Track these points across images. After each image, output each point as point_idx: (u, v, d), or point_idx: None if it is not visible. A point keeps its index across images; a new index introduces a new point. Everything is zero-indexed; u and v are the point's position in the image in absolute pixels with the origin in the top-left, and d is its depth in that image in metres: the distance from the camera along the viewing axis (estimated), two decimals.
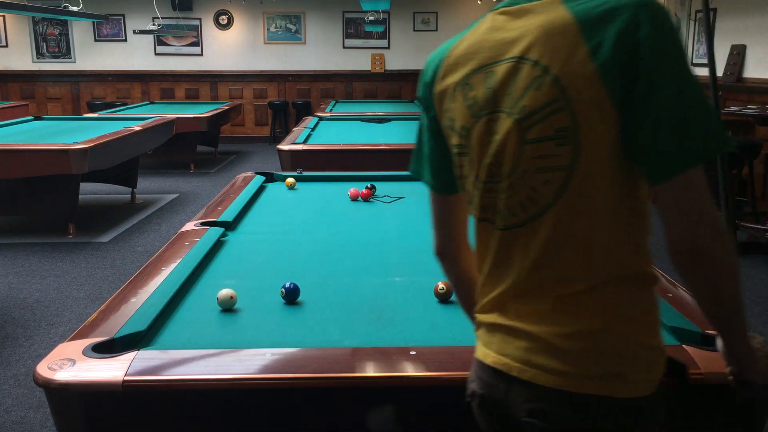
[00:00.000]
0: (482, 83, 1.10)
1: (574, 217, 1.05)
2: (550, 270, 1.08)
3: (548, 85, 1.02)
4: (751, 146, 5.29)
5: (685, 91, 1.00)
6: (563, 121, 1.02)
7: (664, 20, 1.01)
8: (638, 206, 1.09)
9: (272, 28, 11.36)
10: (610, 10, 1.01)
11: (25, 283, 4.46)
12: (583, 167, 1.02)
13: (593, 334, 1.06)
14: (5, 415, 2.85)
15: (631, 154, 1.02)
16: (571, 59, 1.01)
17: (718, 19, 6.50)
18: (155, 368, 1.43)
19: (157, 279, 1.94)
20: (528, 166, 1.05)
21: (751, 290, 4.33)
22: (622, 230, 1.07)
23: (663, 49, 0.99)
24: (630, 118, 1.00)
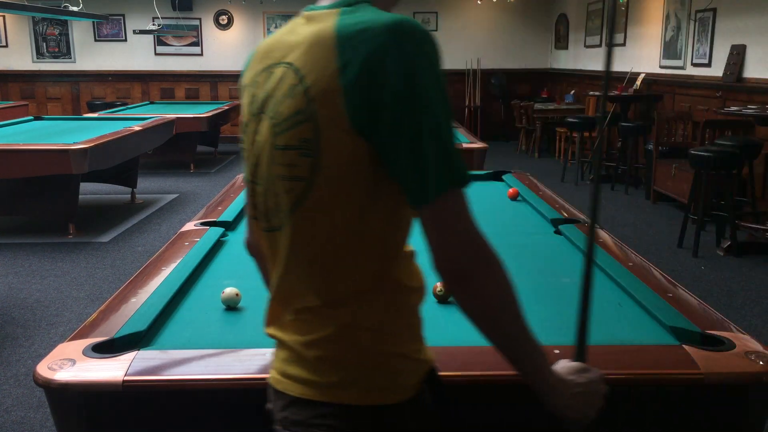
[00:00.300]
0: (263, 83, 1.10)
1: (312, 229, 1.04)
2: (293, 278, 1.08)
3: (299, 95, 1.01)
4: (751, 146, 5.30)
5: (429, 123, 0.97)
6: (307, 132, 1.00)
7: (416, 48, 0.96)
8: (396, 221, 1.08)
9: (272, 28, 11.36)
10: (364, 30, 0.98)
11: (25, 283, 4.46)
12: (322, 181, 1.01)
13: (328, 343, 1.06)
14: (5, 415, 2.85)
15: (392, 177, 1.01)
16: (323, 72, 0.99)
17: (718, 19, 6.50)
18: (155, 368, 1.43)
19: (157, 279, 1.94)
20: (276, 172, 1.05)
21: (751, 290, 4.32)
22: (369, 245, 1.05)
23: (411, 80, 0.95)
24: (379, 144, 0.99)
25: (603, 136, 6.08)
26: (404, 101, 0.96)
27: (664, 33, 7.61)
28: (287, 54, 1.07)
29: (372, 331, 1.06)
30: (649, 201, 6.86)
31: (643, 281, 1.88)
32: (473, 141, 4.80)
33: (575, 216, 2.67)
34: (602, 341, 1.56)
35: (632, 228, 5.88)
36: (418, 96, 0.96)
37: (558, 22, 11.30)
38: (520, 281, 2.00)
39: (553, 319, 1.71)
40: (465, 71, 11.54)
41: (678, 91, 7.20)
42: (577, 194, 7.24)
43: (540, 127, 9.83)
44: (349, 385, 1.05)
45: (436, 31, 11.47)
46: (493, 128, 11.54)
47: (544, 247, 2.37)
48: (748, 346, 1.48)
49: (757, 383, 1.38)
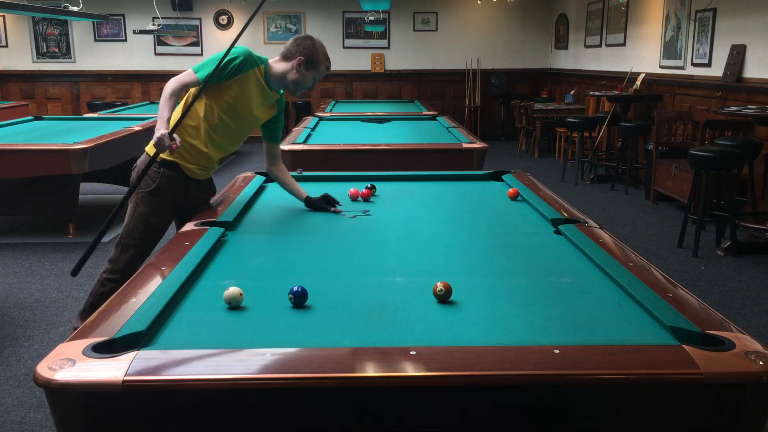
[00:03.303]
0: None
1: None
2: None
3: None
4: (751, 146, 5.30)
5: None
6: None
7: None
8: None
9: (272, 28, 11.36)
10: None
11: (25, 283, 4.46)
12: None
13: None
14: (5, 415, 2.85)
15: None
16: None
17: (718, 19, 6.50)
18: (155, 368, 1.43)
19: (157, 279, 1.94)
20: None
21: (751, 290, 4.32)
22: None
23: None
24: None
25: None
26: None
27: (664, 33, 7.61)
28: None
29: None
30: (649, 201, 6.86)
31: (643, 281, 1.88)
32: (473, 141, 4.79)
33: (575, 216, 2.67)
34: (602, 341, 1.56)
35: (632, 228, 5.88)
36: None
37: (558, 22, 11.30)
38: (520, 281, 2.02)
39: (553, 319, 1.71)
40: (465, 71, 11.54)
41: (678, 91, 7.20)
42: (577, 194, 7.25)
43: (540, 127, 9.83)
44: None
45: (436, 31, 11.47)
46: (493, 128, 11.54)
47: (544, 247, 2.37)
48: (748, 346, 1.48)
49: (757, 383, 1.38)
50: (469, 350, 1.49)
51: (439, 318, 1.73)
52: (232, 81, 2.80)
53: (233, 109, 2.85)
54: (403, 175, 3.63)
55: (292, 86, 2.93)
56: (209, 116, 2.84)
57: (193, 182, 2.96)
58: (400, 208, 3.00)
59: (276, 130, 3.11)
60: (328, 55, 2.95)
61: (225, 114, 2.85)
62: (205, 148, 2.89)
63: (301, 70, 2.88)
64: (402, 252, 2.32)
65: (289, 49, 2.91)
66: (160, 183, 2.90)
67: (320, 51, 2.91)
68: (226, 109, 2.84)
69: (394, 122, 6.49)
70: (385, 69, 11.54)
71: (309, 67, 2.89)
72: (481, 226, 2.72)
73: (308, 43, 2.90)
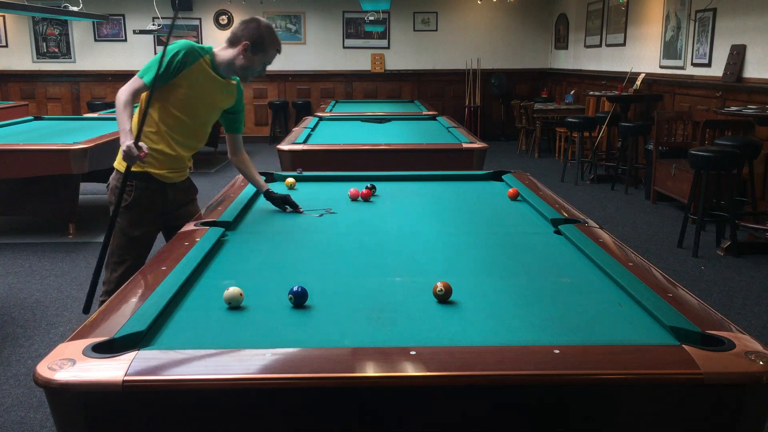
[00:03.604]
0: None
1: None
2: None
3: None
4: (751, 146, 5.30)
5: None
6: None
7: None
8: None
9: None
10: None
11: (25, 283, 4.46)
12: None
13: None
14: (5, 415, 2.85)
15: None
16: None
17: (718, 19, 6.50)
18: (155, 368, 1.43)
19: (157, 279, 1.94)
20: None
21: (751, 290, 4.32)
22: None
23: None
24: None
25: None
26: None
27: (664, 33, 7.61)
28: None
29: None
30: (649, 201, 6.86)
31: (643, 281, 1.88)
32: (473, 141, 4.79)
33: (575, 216, 2.67)
34: (602, 341, 1.56)
35: (632, 228, 5.89)
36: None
37: (558, 22, 11.30)
38: (520, 281, 2.02)
39: (552, 319, 1.71)
40: (465, 71, 11.54)
41: (678, 91, 7.20)
42: (577, 194, 7.25)
43: (540, 127, 9.83)
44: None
45: (436, 31, 11.48)
46: (493, 128, 11.54)
47: (544, 247, 2.37)
48: (748, 346, 1.48)
49: (757, 383, 1.38)
50: (469, 350, 1.49)
51: (439, 318, 1.73)
52: (179, 77, 2.73)
53: (186, 105, 2.79)
54: (403, 175, 3.63)
55: (241, 72, 2.83)
56: (165, 118, 2.78)
57: (170, 186, 2.91)
58: (400, 208, 3.00)
59: (237, 120, 3.05)
60: (276, 37, 2.83)
61: (180, 112, 2.78)
62: (172, 151, 2.83)
63: (247, 55, 2.78)
64: (402, 252, 2.32)
65: (235, 34, 2.81)
66: (135, 196, 2.82)
67: (266, 33, 2.79)
68: (180, 106, 2.78)
69: (394, 122, 6.49)
70: (385, 69, 11.54)
71: (256, 51, 2.78)
72: (481, 226, 2.72)
73: (254, 26, 2.79)
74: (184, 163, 2.95)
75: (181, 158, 2.90)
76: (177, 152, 2.85)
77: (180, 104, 2.78)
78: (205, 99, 2.83)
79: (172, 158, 2.85)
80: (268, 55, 2.82)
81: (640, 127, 7.21)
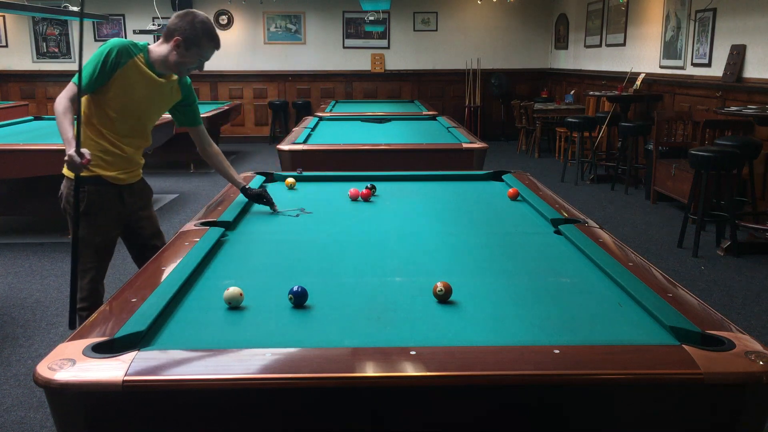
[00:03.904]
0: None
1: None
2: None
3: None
4: (751, 146, 5.30)
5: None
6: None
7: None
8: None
9: (272, 28, 11.36)
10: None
11: (25, 283, 4.46)
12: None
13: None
14: (5, 415, 2.85)
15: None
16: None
17: (718, 19, 6.50)
18: (155, 368, 1.43)
19: (157, 279, 1.94)
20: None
21: (751, 290, 4.32)
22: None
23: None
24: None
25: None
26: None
27: (664, 33, 7.61)
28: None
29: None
30: (649, 201, 6.86)
31: (643, 281, 1.88)
32: (473, 141, 4.79)
33: (575, 216, 2.67)
34: (602, 341, 1.56)
35: (632, 228, 5.88)
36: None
37: (558, 22, 11.30)
38: (520, 281, 2.02)
39: (552, 319, 1.71)
40: (465, 71, 11.54)
41: (678, 91, 7.20)
42: (577, 194, 7.25)
43: (540, 127, 9.83)
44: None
45: (436, 31, 11.47)
46: (493, 128, 11.54)
47: (544, 247, 2.37)
48: (748, 346, 1.48)
49: (757, 383, 1.38)
50: (469, 350, 1.49)
51: (439, 318, 1.73)
52: (113, 79, 2.64)
53: (124, 106, 2.70)
54: (403, 175, 3.63)
55: (176, 68, 2.73)
56: (105, 121, 2.71)
57: (125, 188, 2.84)
58: (400, 208, 3.00)
59: (190, 113, 2.97)
60: (212, 32, 2.71)
61: (118, 113, 2.71)
62: (120, 151, 2.76)
63: (180, 51, 2.67)
64: (402, 252, 2.32)
65: (168, 28, 2.70)
66: (89, 201, 2.76)
67: (201, 28, 2.68)
68: (118, 108, 2.70)
69: (394, 122, 6.49)
70: (385, 69, 11.54)
71: (189, 47, 2.67)
72: (481, 226, 2.72)
73: (188, 20, 2.68)
74: (135, 161, 2.87)
75: (130, 158, 2.82)
76: (124, 152, 2.78)
77: (117, 105, 2.69)
78: (142, 98, 2.74)
79: (121, 159, 2.78)
80: (203, 51, 2.70)
81: (640, 127, 7.21)
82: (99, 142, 2.73)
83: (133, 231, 2.93)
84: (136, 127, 2.81)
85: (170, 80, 2.81)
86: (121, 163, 2.79)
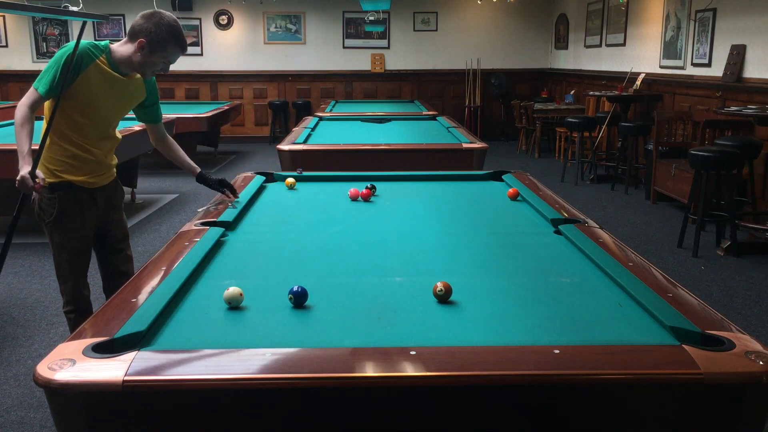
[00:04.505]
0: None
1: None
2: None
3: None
4: (751, 146, 5.30)
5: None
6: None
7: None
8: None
9: (272, 28, 11.36)
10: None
11: (25, 283, 4.46)
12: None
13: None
14: (5, 415, 2.85)
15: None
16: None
17: (718, 19, 6.50)
18: (155, 368, 1.43)
19: (157, 279, 1.94)
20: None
21: (751, 290, 4.32)
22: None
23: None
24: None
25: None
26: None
27: (664, 33, 7.61)
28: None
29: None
30: (649, 201, 6.86)
31: (643, 281, 1.88)
32: (473, 141, 4.79)
33: (575, 216, 2.67)
34: (602, 341, 1.56)
35: (632, 228, 5.88)
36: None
37: (558, 22, 11.30)
38: (520, 281, 2.02)
39: (552, 319, 1.71)
40: (465, 71, 11.54)
41: (678, 91, 7.20)
42: (577, 194, 7.24)
43: (540, 127, 9.83)
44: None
45: (436, 31, 11.47)
46: (493, 128, 11.54)
47: (544, 247, 2.37)
48: (748, 346, 1.48)
49: (757, 383, 1.38)
50: (469, 350, 1.49)
51: (439, 318, 1.73)
52: (76, 83, 2.58)
53: (88, 109, 2.64)
54: (403, 175, 3.63)
55: (140, 69, 2.65)
56: (72, 125, 2.65)
57: (97, 191, 2.79)
58: (400, 208, 3.00)
59: (153, 113, 2.93)
60: (179, 36, 2.61)
61: (86, 117, 2.65)
62: (90, 155, 2.70)
63: (144, 54, 2.59)
64: (402, 252, 2.32)
65: (133, 28, 2.63)
66: (60, 208, 2.71)
67: (167, 32, 2.59)
68: (82, 112, 2.64)
69: (394, 122, 6.49)
70: (385, 69, 11.54)
71: (154, 49, 2.58)
72: (481, 226, 2.72)
73: (154, 21, 2.60)
74: (107, 164, 2.82)
75: (101, 160, 2.76)
76: (94, 155, 2.72)
77: (82, 109, 2.64)
78: (106, 100, 2.68)
79: (90, 162, 2.72)
80: (168, 54, 2.62)
81: (640, 127, 7.21)
82: (67, 148, 2.67)
83: (102, 233, 2.89)
84: (105, 129, 2.75)
85: (134, 79, 2.74)
86: (91, 166, 2.73)
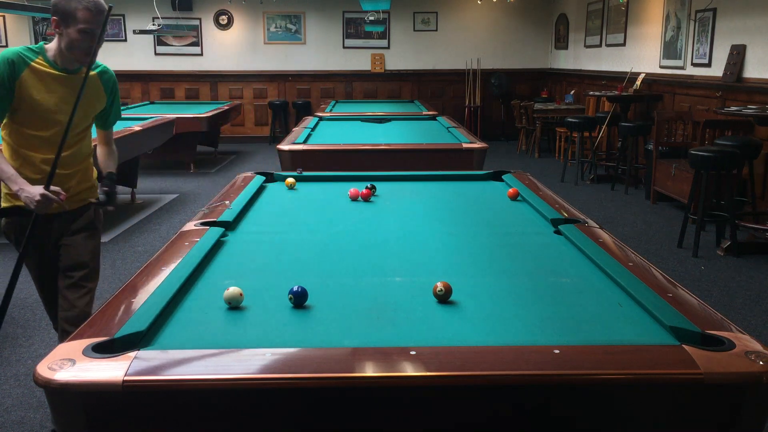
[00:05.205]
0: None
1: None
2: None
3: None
4: (751, 146, 5.30)
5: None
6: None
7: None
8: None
9: (272, 28, 11.36)
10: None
11: (25, 283, 4.45)
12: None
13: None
14: (5, 415, 2.85)
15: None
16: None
17: (718, 19, 6.50)
18: (155, 368, 1.43)
19: (157, 279, 1.94)
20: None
21: (751, 290, 4.32)
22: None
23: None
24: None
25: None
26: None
27: (664, 33, 7.61)
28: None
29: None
30: (649, 201, 6.86)
31: (643, 281, 1.88)
32: (473, 141, 4.79)
33: (575, 216, 2.67)
34: (602, 341, 1.56)
35: (632, 228, 5.88)
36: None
37: (558, 22, 11.30)
38: (520, 281, 2.01)
39: (552, 319, 1.71)
40: (465, 71, 11.54)
41: (678, 91, 7.20)
42: (577, 194, 7.24)
43: (540, 127, 9.83)
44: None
45: (436, 31, 11.48)
46: (493, 128, 11.54)
47: (544, 247, 2.37)
48: (748, 346, 1.48)
49: (757, 383, 1.38)
50: (469, 350, 1.49)
51: (439, 318, 1.73)
52: (15, 93, 2.40)
53: (38, 119, 2.46)
54: (403, 175, 3.63)
55: (69, 53, 2.43)
56: (22, 142, 2.48)
57: (56, 218, 2.59)
58: (400, 208, 3.00)
59: (103, 117, 2.73)
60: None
61: (35, 130, 2.47)
62: (45, 177, 2.40)
63: (62, 31, 2.40)
64: (402, 252, 2.32)
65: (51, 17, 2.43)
66: (16, 236, 2.59)
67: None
68: (32, 124, 2.47)
69: (394, 122, 6.49)
70: (385, 69, 11.54)
71: (67, 21, 2.38)
72: (481, 226, 2.72)
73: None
74: (72, 186, 2.60)
75: (62, 181, 2.50)
76: (59, 172, 2.44)
77: (31, 121, 2.46)
78: (50, 102, 2.47)
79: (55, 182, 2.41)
80: (78, 18, 2.36)
81: (640, 127, 7.21)
82: (32, 171, 2.49)
83: (60, 246, 2.63)
84: (61, 138, 2.40)
85: (82, 75, 2.47)
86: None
